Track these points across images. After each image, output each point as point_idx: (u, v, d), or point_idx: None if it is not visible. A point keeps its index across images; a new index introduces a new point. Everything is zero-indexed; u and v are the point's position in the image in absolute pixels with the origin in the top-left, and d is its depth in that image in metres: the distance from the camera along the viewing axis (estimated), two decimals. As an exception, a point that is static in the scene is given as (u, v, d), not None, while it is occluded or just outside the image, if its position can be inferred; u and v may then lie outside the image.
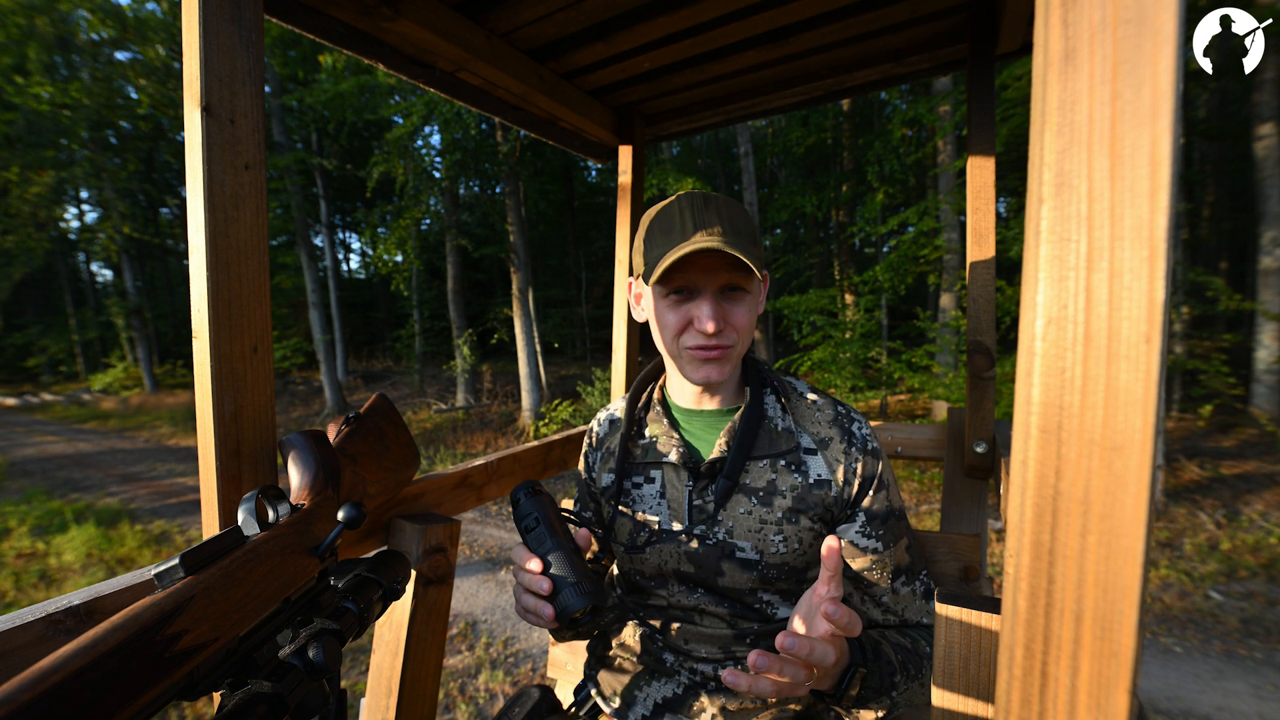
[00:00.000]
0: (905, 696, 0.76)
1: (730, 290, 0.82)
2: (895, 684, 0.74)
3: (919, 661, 0.78)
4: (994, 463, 1.19)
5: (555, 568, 0.73)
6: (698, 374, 0.85)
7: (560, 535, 0.76)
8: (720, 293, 0.82)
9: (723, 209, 0.80)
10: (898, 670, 0.74)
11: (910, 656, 0.77)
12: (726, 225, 0.79)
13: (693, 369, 0.85)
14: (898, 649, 0.78)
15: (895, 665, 0.74)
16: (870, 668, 0.72)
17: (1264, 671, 2.77)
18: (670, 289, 0.83)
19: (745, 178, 8.00)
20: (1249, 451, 5.26)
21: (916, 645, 0.80)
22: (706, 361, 0.83)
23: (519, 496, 0.82)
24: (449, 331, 12.19)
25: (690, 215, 0.79)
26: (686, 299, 0.83)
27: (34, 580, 4.22)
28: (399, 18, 1.00)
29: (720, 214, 0.80)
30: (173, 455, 9.15)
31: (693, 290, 0.82)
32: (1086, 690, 0.30)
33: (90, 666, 0.33)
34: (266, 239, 0.80)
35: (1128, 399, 0.28)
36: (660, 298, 0.85)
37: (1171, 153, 0.27)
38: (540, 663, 3.03)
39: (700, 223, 0.78)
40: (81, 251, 21.44)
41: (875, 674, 0.72)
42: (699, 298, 0.82)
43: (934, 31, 1.29)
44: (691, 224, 0.79)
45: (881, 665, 0.73)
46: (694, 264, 0.79)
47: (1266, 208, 5.20)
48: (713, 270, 0.80)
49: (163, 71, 11.30)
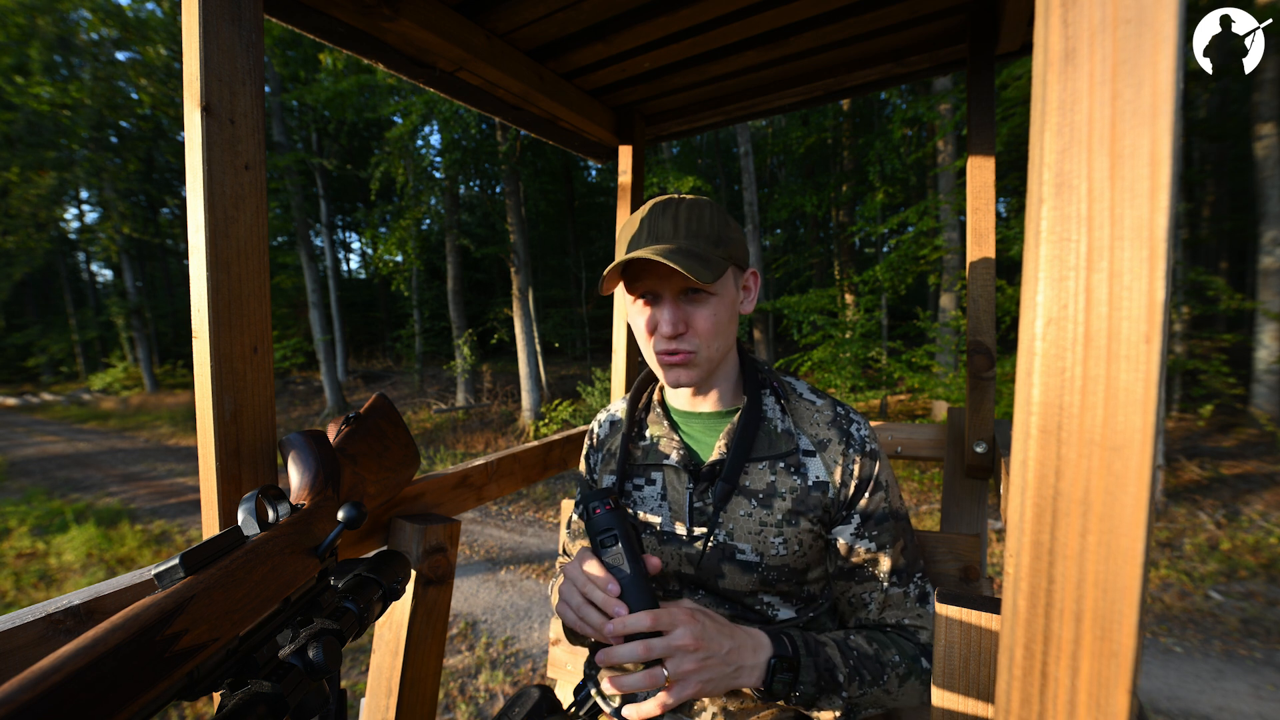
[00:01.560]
0: (866, 701, 0.77)
1: (692, 293, 0.82)
2: (840, 683, 0.75)
3: (878, 668, 0.78)
4: (994, 463, 1.19)
5: (629, 596, 0.71)
6: (668, 377, 0.86)
7: (637, 561, 0.73)
8: (681, 295, 0.83)
9: (682, 214, 0.81)
10: (840, 669, 0.75)
11: (867, 662, 0.78)
12: (684, 230, 0.80)
13: (663, 372, 0.87)
14: (852, 651, 0.78)
15: (837, 664, 0.75)
16: (804, 662, 0.73)
17: (1264, 671, 2.77)
18: (636, 295, 0.85)
19: (745, 178, 8.00)
20: (1249, 451, 5.26)
21: (881, 652, 0.79)
22: (673, 365, 0.85)
23: (596, 507, 0.76)
24: (449, 331, 12.20)
25: (647, 224, 0.82)
26: (651, 302, 0.85)
27: (34, 580, 4.22)
28: (399, 17, 1.00)
29: (678, 220, 0.80)
30: (173, 455, 9.16)
31: (655, 295, 0.84)
32: (1086, 690, 0.30)
33: (90, 666, 0.33)
34: (266, 239, 0.80)
35: (1128, 399, 0.28)
36: (630, 303, 0.87)
37: (1171, 153, 0.27)
38: (540, 663, 3.03)
39: (654, 232, 0.80)
40: (81, 251, 21.46)
41: (811, 668, 0.73)
42: (660, 302, 0.83)
43: (934, 31, 1.29)
44: (646, 232, 0.81)
45: (819, 662, 0.74)
46: (651, 270, 0.81)
47: (1266, 208, 5.20)
48: (667, 276, 0.81)
49: (163, 71, 11.30)
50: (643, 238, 0.81)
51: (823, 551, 0.86)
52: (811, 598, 0.87)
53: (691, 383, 0.86)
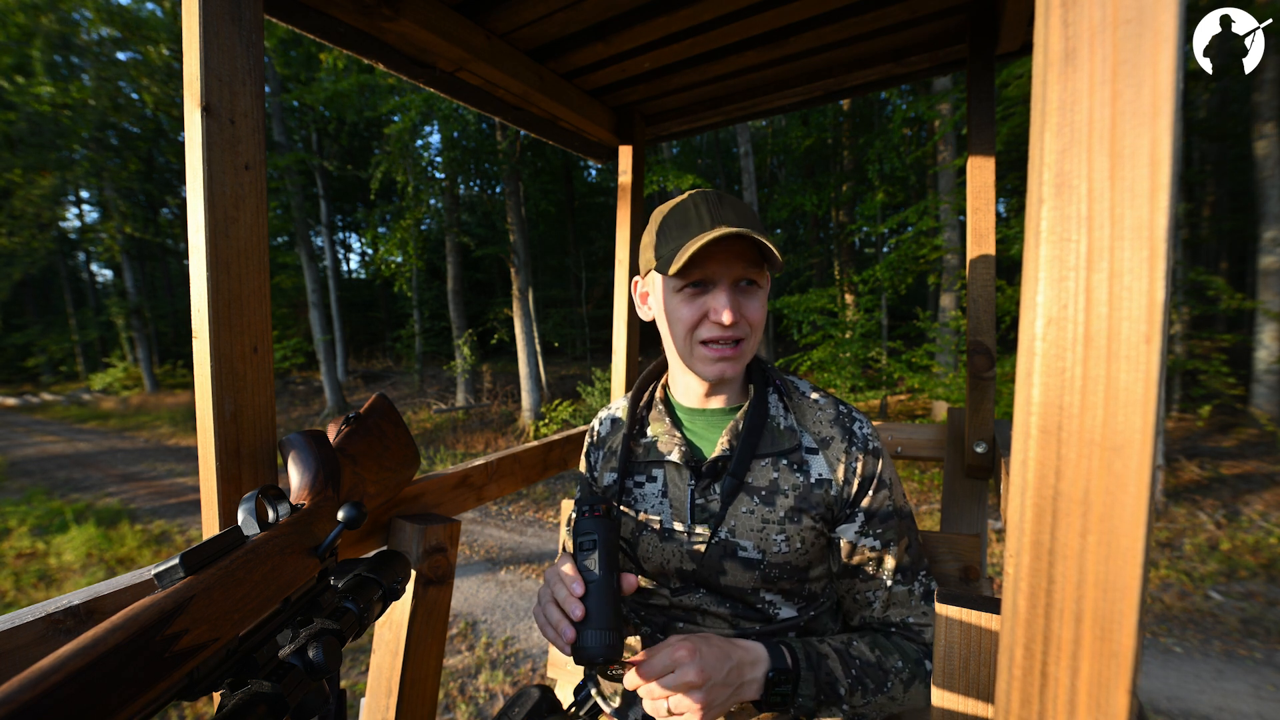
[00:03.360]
0: (870, 709, 0.78)
1: (745, 284, 0.83)
2: (841, 696, 0.75)
3: (881, 676, 0.78)
4: (994, 463, 1.19)
5: (591, 601, 0.72)
6: (711, 370, 0.85)
7: (610, 570, 0.74)
8: (735, 285, 0.83)
9: (737, 205, 0.83)
10: (841, 682, 0.76)
11: (870, 670, 0.78)
12: (747, 218, 0.81)
13: (705, 365, 0.85)
14: (854, 660, 0.78)
15: (839, 678, 0.76)
16: (803, 675, 0.74)
17: (1264, 671, 2.77)
18: (687, 282, 0.83)
19: (745, 177, 8.00)
20: (1249, 451, 5.26)
21: (884, 659, 0.80)
22: (720, 359, 0.84)
23: (585, 511, 0.77)
24: (449, 331, 12.19)
25: (706, 209, 0.81)
26: (702, 291, 0.83)
27: (34, 580, 4.22)
28: (399, 18, 1.00)
29: (735, 210, 0.82)
30: (173, 455, 9.16)
31: (709, 282, 0.83)
32: (1086, 690, 0.30)
33: (90, 666, 0.33)
34: (266, 239, 0.80)
35: (1128, 399, 0.28)
36: (674, 292, 0.85)
37: (1171, 153, 0.27)
38: (540, 663, 3.03)
39: (718, 217, 0.80)
40: (81, 251, 21.46)
41: (810, 683, 0.74)
42: (715, 289, 0.82)
43: (934, 31, 1.29)
44: (709, 217, 0.80)
45: (820, 676, 0.75)
46: (712, 256, 0.80)
47: (1266, 207, 5.20)
48: (729, 262, 0.80)
49: (164, 72, 11.29)
50: (706, 222, 0.80)
51: (825, 550, 0.86)
52: (813, 596, 0.87)
53: (735, 375, 0.86)
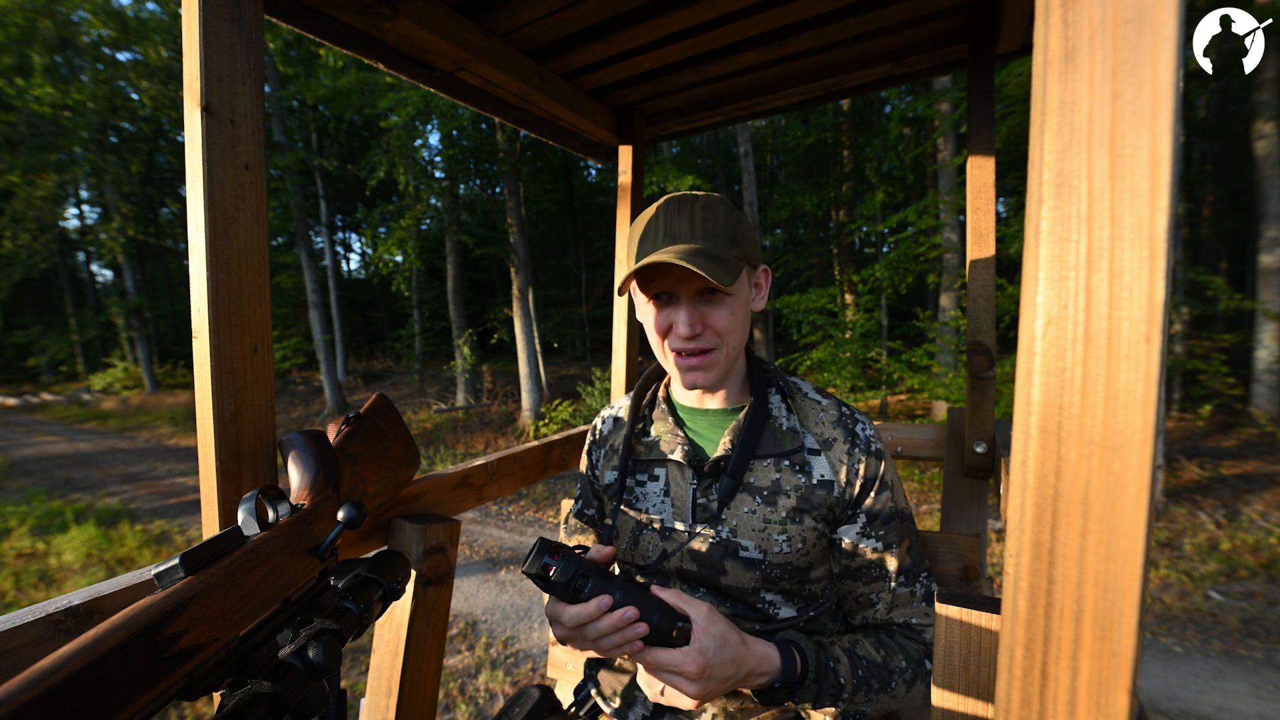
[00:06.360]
0: (871, 706, 0.79)
1: (708, 293, 0.82)
2: (844, 699, 0.76)
3: (886, 675, 0.79)
4: (994, 463, 1.19)
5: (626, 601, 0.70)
6: (685, 379, 0.86)
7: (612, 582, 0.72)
8: (698, 296, 0.82)
9: (698, 213, 0.80)
10: (846, 687, 0.76)
11: (876, 670, 0.79)
12: (700, 230, 0.79)
13: (679, 374, 0.86)
14: (861, 661, 0.79)
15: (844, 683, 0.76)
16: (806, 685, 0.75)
17: (1264, 671, 2.77)
18: (650, 295, 0.84)
19: (745, 177, 8.00)
20: (1249, 451, 5.25)
21: (889, 659, 0.80)
22: (691, 369, 0.84)
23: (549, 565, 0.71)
24: (449, 331, 12.19)
25: (663, 224, 0.80)
26: (667, 303, 0.84)
27: (34, 580, 4.22)
28: (399, 17, 1.00)
29: (694, 219, 0.80)
30: (173, 455, 9.15)
31: (671, 295, 0.83)
32: (1086, 690, 0.30)
33: (90, 666, 0.33)
34: (266, 239, 0.80)
35: (1128, 399, 0.28)
36: (644, 304, 0.87)
37: (1171, 153, 0.27)
38: (540, 663, 3.03)
39: (670, 232, 0.79)
40: (81, 252, 21.45)
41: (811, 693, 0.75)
42: (677, 303, 0.83)
43: (934, 31, 1.29)
44: (662, 233, 0.80)
45: (825, 687, 0.75)
46: (667, 271, 0.80)
47: (1266, 207, 5.20)
48: (685, 277, 0.80)
49: (164, 73, 11.29)
50: (659, 238, 0.80)
51: (826, 550, 0.86)
52: (813, 597, 0.87)
53: (708, 384, 0.86)
